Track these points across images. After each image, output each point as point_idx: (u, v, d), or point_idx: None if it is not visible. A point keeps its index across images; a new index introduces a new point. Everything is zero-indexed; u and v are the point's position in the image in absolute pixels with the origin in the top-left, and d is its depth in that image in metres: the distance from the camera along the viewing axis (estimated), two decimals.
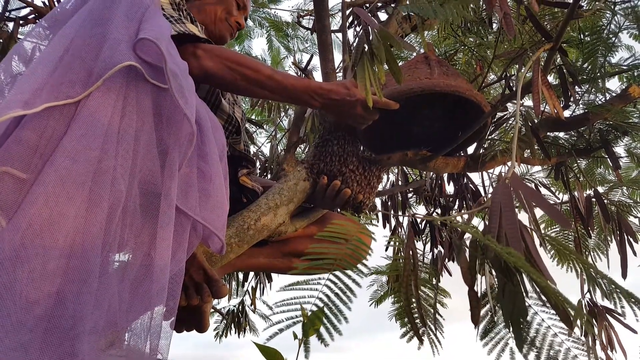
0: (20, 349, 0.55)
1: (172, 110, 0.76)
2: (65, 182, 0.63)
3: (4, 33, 2.18)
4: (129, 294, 0.68)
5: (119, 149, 0.68)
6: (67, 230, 0.62)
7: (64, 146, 0.65)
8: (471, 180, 2.11)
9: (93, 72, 0.70)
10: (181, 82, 0.76)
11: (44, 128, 0.66)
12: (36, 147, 0.65)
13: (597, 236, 2.05)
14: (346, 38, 1.54)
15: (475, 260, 0.64)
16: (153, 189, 0.72)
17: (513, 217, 0.66)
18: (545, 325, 0.64)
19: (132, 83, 0.72)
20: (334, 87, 1.10)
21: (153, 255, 0.70)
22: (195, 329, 1.04)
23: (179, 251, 0.75)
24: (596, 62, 1.45)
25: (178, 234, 0.75)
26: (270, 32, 3.24)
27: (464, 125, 1.36)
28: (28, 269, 0.59)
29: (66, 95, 0.68)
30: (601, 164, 2.01)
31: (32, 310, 0.57)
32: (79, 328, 0.58)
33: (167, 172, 0.73)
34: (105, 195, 0.65)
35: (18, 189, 0.63)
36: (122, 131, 0.69)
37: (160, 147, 0.74)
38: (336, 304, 0.53)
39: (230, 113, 1.28)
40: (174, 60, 0.78)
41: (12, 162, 0.64)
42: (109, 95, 0.69)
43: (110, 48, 0.72)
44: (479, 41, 1.81)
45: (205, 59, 1.03)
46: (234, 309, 2.98)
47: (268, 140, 3.19)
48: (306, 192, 1.26)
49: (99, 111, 0.68)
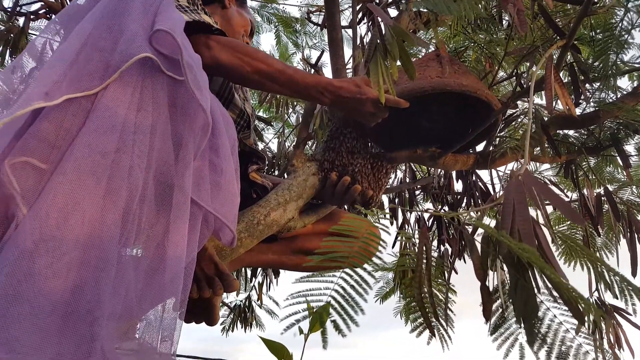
0: (40, 333, 0.56)
1: (187, 102, 0.77)
2: (84, 172, 0.64)
3: (15, 28, 2.19)
4: (143, 283, 0.69)
5: (135, 140, 0.69)
6: (85, 219, 0.63)
7: (82, 137, 0.66)
8: (480, 178, 2.10)
9: (110, 64, 0.71)
10: (196, 74, 0.76)
11: (63, 120, 0.67)
12: (55, 138, 0.66)
13: (606, 235, 2.04)
14: (356, 34, 1.54)
15: (487, 256, 0.64)
16: (168, 179, 0.73)
17: (526, 214, 0.66)
18: (557, 321, 0.64)
19: (149, 75, 0.73)
20: (344, 84, 1.09)
21: (167, 245, 0.71)
22: (205, 322, 1.06)
23: (192, 242, 0.76)
24: (608, 59, 1.44)
25: (191, 225, 0.75)
26: (278, 28, 3.24)
27: (473, 123, 1.36)
28: (47, 256, 0.60)
29: (85, 88, 0.69)
30: (611, 163, 1.99)
31: (51, 296, 0.58)
32: (97, 313, 0.59)
33: (182, 163, 0.73)
34: (123, 185, 0.66)
35: (38, 179, 0.64)
36: (138, 123, 0.70)
37: (175, 138, 0.75)
38: (352, 296, 0.54)
39: (242, 108, 1.28)
40: (188, 52, 0.79)
41: (32, 153, 0.65)
42: (126, 87, 0.70)
43: (127, 40, 0.73)
44: (489, 38, 1.80)
45: (217, 50, 1.03)
46: (240, 304, 3.01)
47: (275, 137, 3.20)
48: (315, 188, 1.27)
49: (116, 103, 0.69)
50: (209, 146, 0.83)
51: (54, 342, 0.57)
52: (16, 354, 0.54)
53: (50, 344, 0.56)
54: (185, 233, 0.71)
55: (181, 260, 0.70)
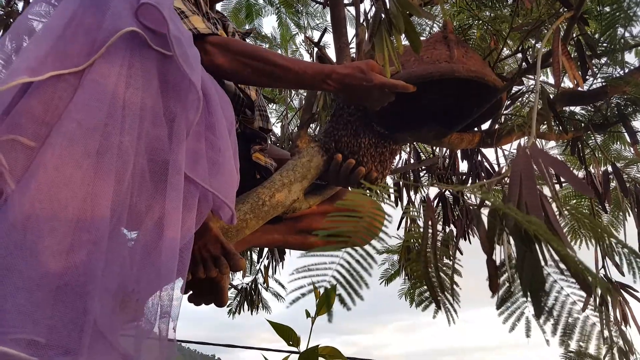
0: (33, 305, 0.57)
1: (177, 77, 0.76)
2: (72, 147, 0.64)
3: (14, 12, 2.18)
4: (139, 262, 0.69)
5: (125, 115, 0.68)
6: (75, 193, 0.63)
7: (70, 113, 0.66)
8: (486, 157, 2.09)
9: (97, 40, 0.70)
10: (185, 49, 0.75)
11: (51, 97, 0.67)
12: (43, 116, 0.66)
13: (612, 213, 2.04)
14: (359, 11, 1.52)
15: (494, 229, 0.64)
16: (161, 155, 0.73)
17: (533, 187, 0.65)
18: (564, 293, 0.64)
19: (137, 50, 0.73)
20: (349, 70, 1.07)
21: (163, 222, 0.70)
22: (214, 303, 1.06)
23: (188, 219, 0.75)
24: (615, 33, 1.42)
25: (188, 204, 0.75)
26: (280, 9, 3.20)
27: (478, 101, 1.34)
28: (38, 229, 0.60)
29: (71, 64, 0.68)
30: (618, 140, 1.97)
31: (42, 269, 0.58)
32: (90, 286, 0.60)
33: (175, 139, 0.73)
34: (113, 160, 0.66)
35: (27, 157, 0.64)
36: (127, 98, 0.69)
37: (167, 114, 0.75)
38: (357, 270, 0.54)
39: (234, 92, 1.26)
40: (177, 27, 0.78)
41: (20, 131, 0.65)
42: (113, 62, 0.70)
43: (112, 15, 0.72)
44: (493, 14, 1.77)
45: (215, 54, 1.02)
46: (247, 287, 3.03)
47: (279, 120, 3.19)
48: (319, 168, 1.26)
49: (104, 79, 0.69)
50: (205, 125, 0.82)
51: (46, 315, 0.57)
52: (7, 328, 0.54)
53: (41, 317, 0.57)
54: (180, 210, 0.71)
55: (177, 239, 0.70)
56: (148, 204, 0.70)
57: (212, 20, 1.21)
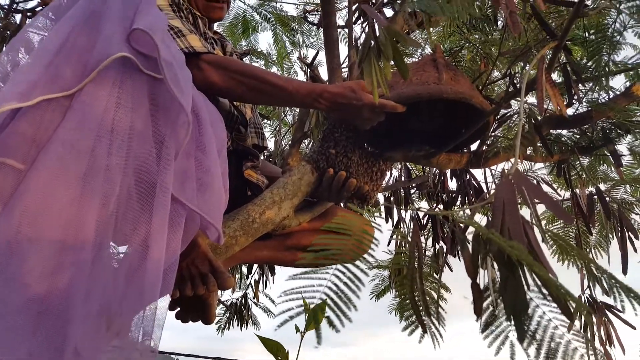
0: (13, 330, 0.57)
1: (167, 100, 0.77)
2: (59, 170, 0.64)
3: (11, 25, 2.19)
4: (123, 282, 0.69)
5: (113, 139, 0.69)
6: (61, 216, 0.63)
7: (58, 136, 0.66)
8: (474, 176, 2.12)
9: (88, 64, 0.71)
10: (176, 72, 0.77)
11: (40, 120, 0.67)
12: (33, 139, 0.66)
13: (598, 234, 2.07)
14: (352, 34, 1.55)
15: (478, 254, 0.65)
16: (149, 178, 0.73)
17: (515, 213, 0.67)
18: (547, 318, 0.65)
19: (127, 74, 0.73)
20: (340, 90, 1.09)
21: (148, 243, 0.70)
22: (202, 320, 1.06)
23: (174, 241, 0.75)
24: (600, 60, 1.46)
25: (174, 223, 0.75)
26: (276, 27, 3.25)
27: (467, 123, 1.37)
28: (22, 254, 0.60)
29: (61, 88, 0.69)
30: (603, 162, 2.01)
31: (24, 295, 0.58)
32: (72, 312, 0.59)
33: (163, 161, 0.73)
34: (99, 183, 0.66)
35: (15, 179, 0.64)
36: (116, 122, 0.70)
37: (157, 137, 0.75)
38: (345, 293, 0.55)
39: (229, 109, 1.27)
40: (169, 50, 0.79)
41: (9, 153, 0.65)
42: (102, 86, 0.70)
43: (104, 40, 0.73)
44: (483, 38, 1.81)
45: (209, 71, 1.04)
46: (236, 302, 3.01)
47: (272, 135, 3.21)
48: (310, 185, 1.27)
49: (94, 102, 0.69)
50: (196, 144, 0.83)
51: (26, 341, 0.57)
52: None
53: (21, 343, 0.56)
54: (165, 231, 0.71)
55: (162, 258, 0.70)
56: (134, 224, 0.70)
57: (210, 40, 1.23)
